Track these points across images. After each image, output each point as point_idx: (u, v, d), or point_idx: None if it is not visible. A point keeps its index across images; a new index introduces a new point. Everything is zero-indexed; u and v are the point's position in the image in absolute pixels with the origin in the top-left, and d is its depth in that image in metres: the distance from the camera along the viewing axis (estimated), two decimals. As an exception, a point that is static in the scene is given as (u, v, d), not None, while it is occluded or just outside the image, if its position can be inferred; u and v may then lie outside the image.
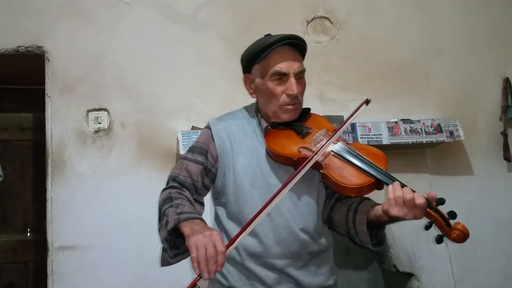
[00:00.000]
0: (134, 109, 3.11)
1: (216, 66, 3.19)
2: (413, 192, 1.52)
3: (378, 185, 1.61)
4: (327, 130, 1.77)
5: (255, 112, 1.87)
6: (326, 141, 1.67)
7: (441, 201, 1.55)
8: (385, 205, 1.55)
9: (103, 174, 3.03)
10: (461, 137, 3.10)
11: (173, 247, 1.65)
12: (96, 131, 3.06)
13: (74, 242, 2.94)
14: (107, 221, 2.97)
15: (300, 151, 1.69)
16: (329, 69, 3.31)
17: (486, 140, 3.37)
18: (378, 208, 1.61)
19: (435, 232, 1.55)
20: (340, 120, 2.86)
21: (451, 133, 3.09)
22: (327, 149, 1.67)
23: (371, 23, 3.39)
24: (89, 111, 3.07)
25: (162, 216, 1.67)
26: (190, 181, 1.77)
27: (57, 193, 2.97)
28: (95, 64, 3.11)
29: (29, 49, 3.07)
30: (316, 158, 1.63)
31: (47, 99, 3.05)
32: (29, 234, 3.89)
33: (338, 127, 1.74)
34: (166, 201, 1.70)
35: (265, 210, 1.52)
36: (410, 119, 3.11)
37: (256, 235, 1.72)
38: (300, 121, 1.82)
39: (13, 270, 3.84)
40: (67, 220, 2.95)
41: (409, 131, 3.05)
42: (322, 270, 1.81)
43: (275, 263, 1.73)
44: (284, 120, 1.78)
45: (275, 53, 1.74)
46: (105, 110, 3.09)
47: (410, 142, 3.04)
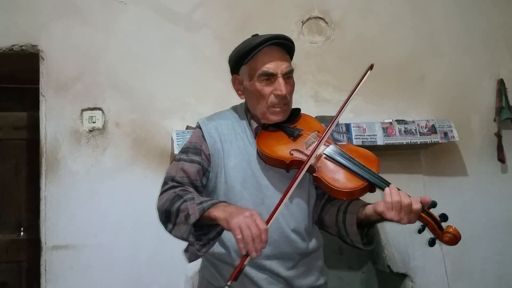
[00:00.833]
0: (129, 108, 3.11)
1: (211, 66, 3.18)
2: (409, 196, 1.53)
3: (371, 188, 1.62)
4: (318, 131, 1.77)
5: (245, 113, 1.86)
6: (324, 133, 1.67)
7: (433, 204, 1.56)
8: (379, 207, 1.56)
9: (97, 174, 3.02)
10: (456, 138, 3.11)
11: (197, 240, 1.60)
12: (91, 131, 3.05)
13: (67, 242, 2.93)
14: (101, 221, 2.96)
15: (292, 154, 1.68)
16: (324, 70, 3.31)
17: (480, 141, 3.38)
18: (369, 207, 1.61)
19: (428, 234, 1.56)
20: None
21: (446, 134, 3.10)
22: (319, 151, 1.67)
23: (366, 23, 3.39)
24: (83, 110, 3.06)
25: (176, 214, 1.61)
26: (188, 181, 1.74)
27: (51, 192, 2.96)
28: (90, 63, 3.11)
29: (23, 48, 3.06)
30: (311, 161, 1.62)
31: (41, 98, 3.04)
32: (22, 233, 3.86)
33: (343, 104, 1.77)
34: (174, 199, 1.64)
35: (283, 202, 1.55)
36: (405, 120, 3.12)
37: None
38: (290, 122, 1.82)
39: (6, 270, 3.82)
40: (60, 219, 2.94)
41: (403, 132, 3.06)
42: (313, 270, 1.81)
43: (265, 263, 1.73)
44: (273, 122, 1.78)
45: (263, 53, 1.73)
46: (99, 109, 3.08)
47: (405, 143, 3.05)
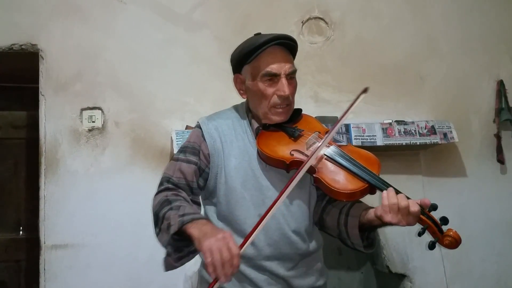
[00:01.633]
0: (128, 108, 3.11)
1: (210, 66, 3.18)
2: (408, 199, 1.52)
3: (371, 190, 1.61)
4: (319, 132, 1.76)
5: (246, 112, 1.84)
6: (325, 137, 1.66)
7: (434, 207, 1.55)
8: (378, 210, 1.55)
9: (97, 173, 3.02)
10: (455, 139, 3.11)
11: (176, 250, 1.60)
12: (90, 130, 3.05)
13: (67, 241, 2.93)
14: (100, 220, 2.96)
15: (292, 154, 1.67)
16: (324, 70, 3.31)
17: (480, 142, 3.38)
18: (371, 212, 1.60)
19: (427, 236, 1.55)
20: (334, 121, 2.86)
21: (445, 134, 3.10)
22: (320, 152, 1.66)
23: (366, 24, 3.39)
24: (83, 109, 3.06)
25: (162, 220, 1.61)
26: (185, 182, 1.73)
27: (50, 191, 2.96)
28: (90, 63, 3.11)
29: (23, 47, 3.05)
30: (311, 162, 1.61)
31: (41, 97, 3.04)
32: (21, 232, 3.87)
33: (338, 119, 1.72)
34: (163, 204, 1.63)
35: (271, 212, 1.52)
36: (404, 121, 3.12)
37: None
38: (292, 122, 1.80)
39: (5, 269, 3.82)
40: (60, 218, 2.94)
41: (403, 133, 3.06)
42: (312, 271, 1.80)
43: (265, 264, 1.72)
44: (274, 122, 1.77)
45: (266, 53, 1.71)
46: (99, 108, 3.08)
47: (404, 144, 3.05)
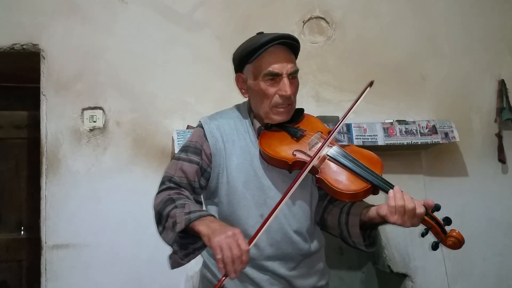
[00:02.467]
0: (130, 108, 3.11)
1: (211, 66, 3.18)
2: (413, 200, 1.52)
3: (374, 190, 1.60)
4: (322, 132, 1.75)
5: (248, 112, 1.84)
6: (327, 138, 1.66)
7: (437, 207, 1.55)
8: (383, 210, 1.55)
9: (98, 173, 3.02)
10: (456, 139, 3.11)
11: (181, 248, 1.59)
12: (91, 130, 3.05)
13: (68, 241, 2.93)
14: (101, 220, 2.96)
15: (295, 155, 1.67)
16: (325, 70, 3.31)
17: (481, 141, 3.37)
18: (372, 210, 1.60)
19: (429, 236, 1.55)
20: (335, 120, 2.86)
21: (446, 134, 3.10)
22: (322, 152, 1.66)
23: (367, 24, 3.39)
24: (84, 109, 3.07)
25: (166, 218, 1.60)
26: (186, 182, 1.72)
27: (52, 191, 2.96)
28: (91, 63, 3.11)
29: (24, 47, 3.06)
30: (314, 162, 1.61)
31: (42, 97, 3.04)
32: (23, 232, 3.87)
33: (345, 113, 1.72)
34: (167, 202, 1.63)
35: (277, 210, 1.53)
36: (406, 120, 3.12)
37: (248, 237, 1.68)
38: (294, 122, 1.80)
39: (7, 269, 3.82)
40: (61, 218, 2.94)
41: (404, 132, 3.06)
42: (314, 271, 1.80)
43: (267, 264, 1.72)
44: (276, 122, 1.76)
45: (268, 53, 1.71)
46: (100, 108, 3.08)
47: (405, 143, 3.05)
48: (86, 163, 3.02)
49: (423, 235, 1.54)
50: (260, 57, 1.72)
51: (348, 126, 3.01)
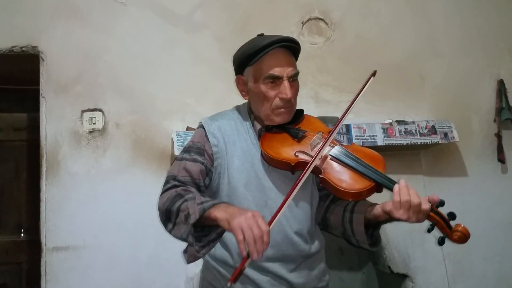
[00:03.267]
0: (129, 109, 3.11)
1: (211, 67, 3.18)
2: (419, 195, 1.52)
3: (378, 188, 1.61)
4: (323, 133, 1.76)
5: (248, 113, 1.84)
6: (329, 135, 1.66)
7: (442, 203, 1.55)
8: (388, 206, 1.55)
9: (98, 175, 3.02)
10: (456, 139, 3.11)
11: (196, 241, 1.56)
12: (91, 132, 3.05)
13: (68, 243, 2.93)
14: (101, 222, 2.96)
15: (297, 156, 1.67)
16: (324, 70, 3.31)
17: (480, 141, 3.38)
18: (378, 207, 1.61)
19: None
20: (334, 121, 2.85)
21: (446, 134, 3.10)
22: (324, 152, 1.66)
23: (366, 24, 3.39)
24: (83, 111, 3.06)
25: (176, 214, 1.58)
26: (191, 180, 1.71)
27: (51, 193, 2.96)
28: (90, 65, 3.11)
29: (23, 49, 3.06)
30: (316, 162, 1.61)
31: (41, 99, 3.04)
32: (22, 234, 3.87)
33: (347, 108, 1.72)
34: (175, 199, 1.61)
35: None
36: (405, 121, 3.12)
37: None
38: (294, 123, 1.80)
39: (6, 271, 3.82)
40: (61, 220, 2.94)
41: (403, 133, 3.06)
42: (315, 271, 1.80)
43: (268, 266, 1.72)
44: (277, 123, 1.76)
45: (269, 56, 1.71)
46: (99, 110, 3.08)
47: (405, 144, 3.05)
48: (85, 165, 3.02)
49: (429, 230, 1.54)
50: (261, 60, 1.72)
51: (348, 126, 3.01)
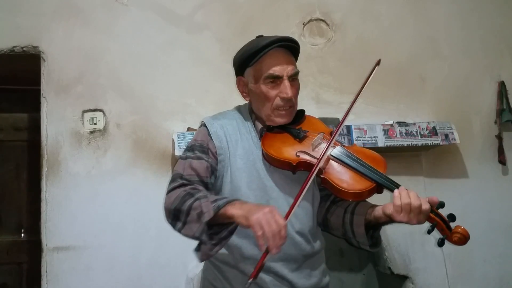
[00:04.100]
0: (130, 110, 3.11)
1: (212, 68, 3.18)
2: (419, 197, 1.53)
3: (379, 189, 1.61)
4: (324, 133, 1.76)
5: (249, 113, 1.84)
6: (335, 132, 1.67)
7: (441, 204, 1.56)
8: (388, 209, 1.56)
9: (98, 175, 3.02)
10: (456, 140, 3.11)
11: (209, 239, 1.55)
12: (92, 132, 3.05)
13: (68, 243, 2.93)
14: (102, 222, 2.96)
15: (298, 156, 1.67)
16: (325, 72, 3.32)
17: (481, 143, 3.38)
18: (378, 209, 1.61)
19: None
20: (335, 122, 2.86)
21: (446, 136, 3.10)
22: (327, 153, 1.66)
23: (367, 26, 3.40)
24: (84, 111, 3.06)
25: (187, 212, 1.56)
26: (197, 179, 1.69)
27: (52, 193, 2.96)
28: (91, 65, 3.11)
29: (24, 49, 3.06)
30: (321, 163, 1.62)
31: (42, 100, 3.04)
32: (23, 234, 3.88)
33: (352, 101, 1.73)
34: (185, 197, 1.59)
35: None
36: (406, 122, 3.12)
37: (251, 237, 1.66)
38: (295, 124, 1.80)
39: (7, 271, 3.83)
40: (61, 221, 2.94)
41: (404, 134, 3.06)
42: (316, 271, 1.81)
43: (269, 265, 1.71)
44: (278, 124, 1.77)
45: (268, 56, 1.71)
46: (100, 110, 3.08)
47: (406, 145, 3.05)
48: (86, 165, 3.02)
49: (429, 232, 1.55)
50: (261, 60, 1.72)
51: (349, 128, 3.02)
